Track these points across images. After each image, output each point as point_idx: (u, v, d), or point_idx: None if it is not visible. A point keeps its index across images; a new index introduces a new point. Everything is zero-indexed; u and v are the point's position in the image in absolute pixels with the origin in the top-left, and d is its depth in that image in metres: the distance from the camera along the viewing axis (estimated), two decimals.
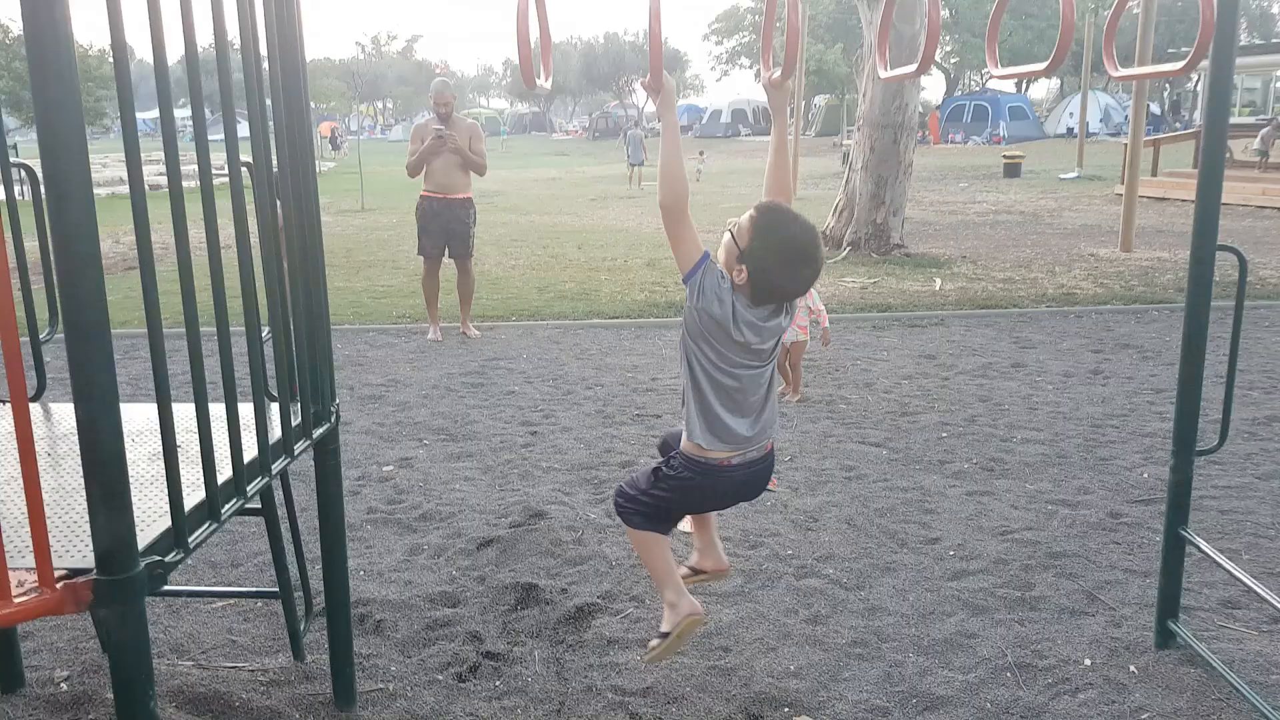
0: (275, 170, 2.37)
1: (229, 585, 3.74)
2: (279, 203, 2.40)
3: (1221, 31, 2.12)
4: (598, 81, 69.89)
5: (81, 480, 1.72)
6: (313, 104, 1.99)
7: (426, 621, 3.45)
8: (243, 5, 2.17)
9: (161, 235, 3.56)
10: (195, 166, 2.01)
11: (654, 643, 2.90)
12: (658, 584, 2.93)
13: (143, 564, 1.80)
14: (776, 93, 2.80)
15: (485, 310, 8.93)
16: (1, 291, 1.58)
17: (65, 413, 2.80)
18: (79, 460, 1.71)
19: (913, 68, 2.22)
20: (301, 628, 3.04)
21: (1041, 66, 2.11)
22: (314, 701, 2.95)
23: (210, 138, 2.00)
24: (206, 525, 2.05)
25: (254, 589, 3.58)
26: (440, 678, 3.11)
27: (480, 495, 4.59)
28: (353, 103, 48.89)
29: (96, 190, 1.69)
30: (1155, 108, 37.03)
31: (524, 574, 3.76)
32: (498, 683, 3.08)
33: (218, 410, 2.11)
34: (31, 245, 2.72)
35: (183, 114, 9.32)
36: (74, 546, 1.90)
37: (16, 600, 1.67)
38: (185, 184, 1.94)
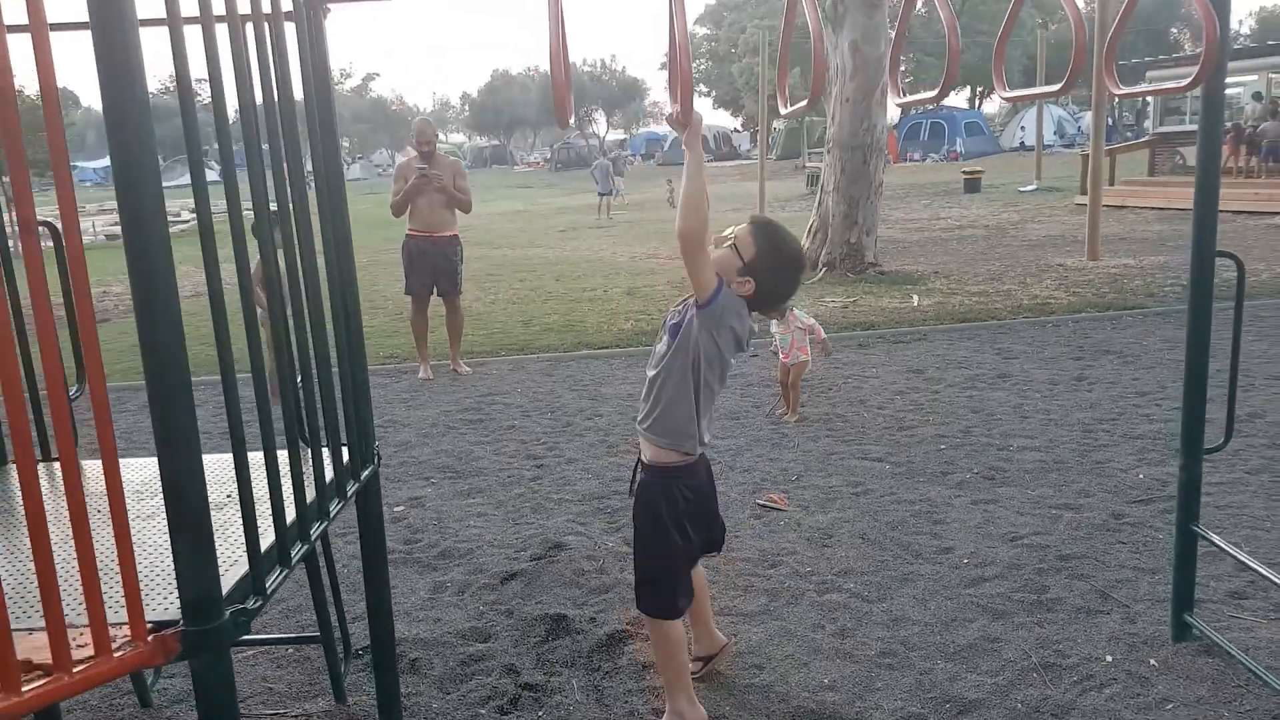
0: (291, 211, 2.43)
1: (255, 634, 3.77)
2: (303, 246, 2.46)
3: (1220, 49, 2.26)
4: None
5: (132, 534, 1.74)
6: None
7: (461, 658, 3.49)
8: (265, 41, 2.21)
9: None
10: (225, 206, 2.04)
11: None
12: (674, 687, 2.96)
13: (228, 612, 1.85)
14: (680, 129, 2.63)
15: (472, 346, 8.99)
16: (89, 346, 1.64)
17: (92, 469, 2.83)
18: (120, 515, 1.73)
19: (933, 93, 2.33)
20: (342, 669, 3.08)
21: (1055, 89, 2.23)
22: None
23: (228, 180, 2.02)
24: (278, 571, 2.10)
25: (292, 635, 3.61)
26: (483, 712, 3.15)
27: (496, 530, 4.64)
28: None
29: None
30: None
31: (551, 605, 3.81)
32: (540, 713, 3.13)
33: (257, 458, 2.16)
34: (55, 301, 2.77)
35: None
36: (151, 599, 1.95)
37: (115, 655, 1.72)
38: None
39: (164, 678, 3.37)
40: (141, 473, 2.72)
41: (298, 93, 2.35)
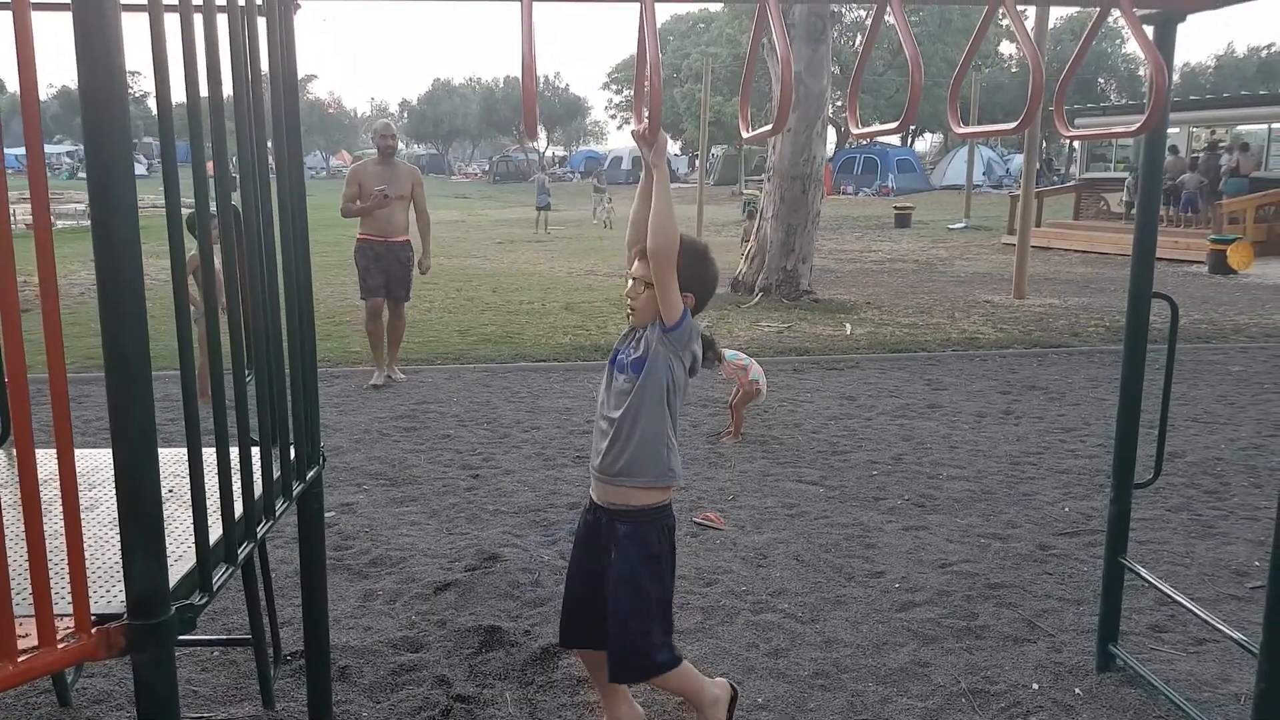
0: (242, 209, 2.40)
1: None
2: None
3: (1168, 98, 2.36)
4: (498, 125, 70.08)
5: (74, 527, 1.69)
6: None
7: (392, 667, 3.45)
8: (239, 36, 2.18)
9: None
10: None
11: None
12: (699, 696, 2.87)
13: (174, 608, 1.81)
14: (645, 146, 2.60)
15: (408, 353, 8.88)
16: (53, 343, 1.59)
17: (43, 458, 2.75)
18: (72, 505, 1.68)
19: (893, 125, 2.39)
20: (272, 674, 3.01)
21: (1010, 126, 2.30)
22: None
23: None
24: (224, 568, 2.06)
25: (222, 636, 3.52)
26: None
27: (429, 540, 4.59)
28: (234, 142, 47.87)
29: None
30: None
31: (485, 617, 3.78)
32: None
33: (210, 454, 2.12)
34: None
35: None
36: (91, 592, 1.89)
37: (59, 646, 1.67)
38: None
39: (84, 676, 3.27)
40: (80, 463, 2.64)
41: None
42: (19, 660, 1.57)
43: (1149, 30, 2.83)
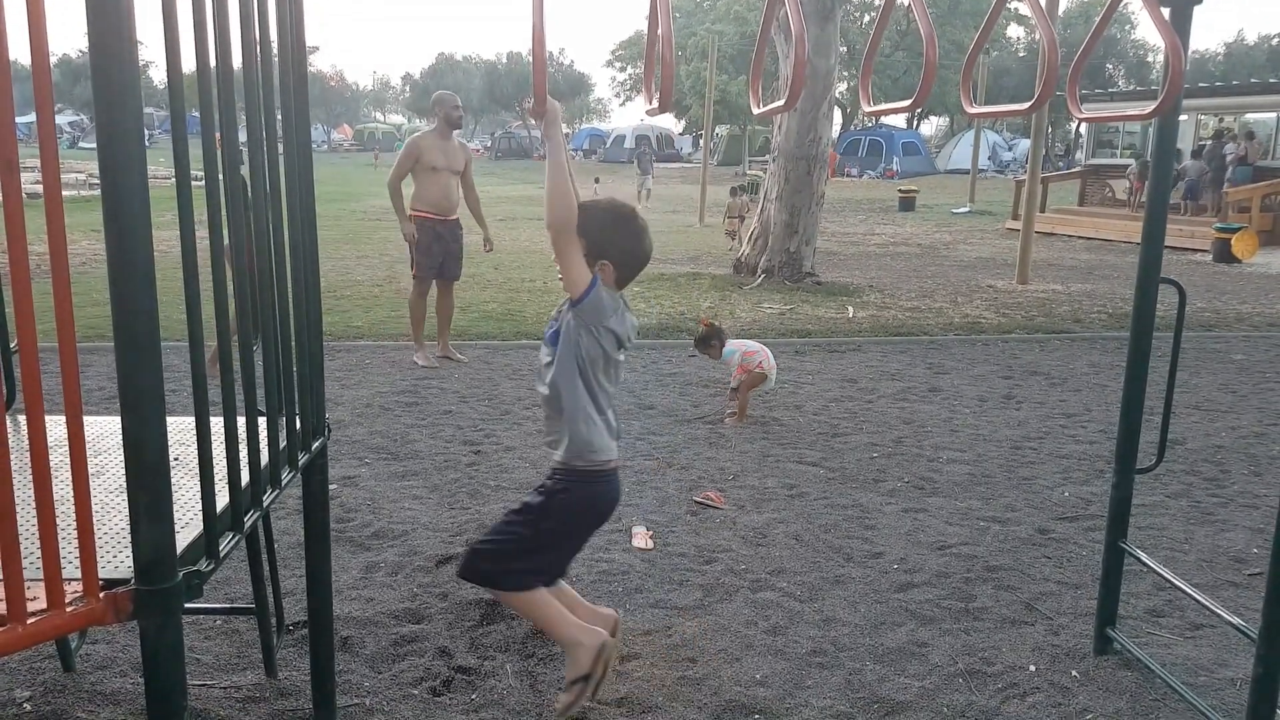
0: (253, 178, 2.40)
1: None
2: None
3: (1182, 80, 2.34)
4: (500, 101, 69.72)
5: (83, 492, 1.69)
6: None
7: (393, 638, 3.47)
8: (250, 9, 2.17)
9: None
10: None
11: (566, 695, 2.78)
12: (556, 630, 2.80)
13: (180, 574, 1.82)
14: (535, 118, 2.54)
15: (402, 329, 8.87)
16: (62, 307, 1.59)
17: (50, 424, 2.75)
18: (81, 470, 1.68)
19: (906, 103, 2.39)
20: (274, 643, 3.03)
21: (1024, 106, 2.29)
22: (294, 717, 2.95)
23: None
24: (230, 535, 2.07)
25: (224, 605, 3.54)
26: (415, 692, 3.13)
27: (431, 514, 4.61)
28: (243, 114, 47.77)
29: None
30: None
31: (486, 590, 3.79)
32: (473, 696, 3.12)
33: (218, 423, 2.12)
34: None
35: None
36: (103, 558, 1.90)
37: (68, 610, 1.68)
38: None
39: (88, 643, 3.29)
40: (86, 430, 2.64)
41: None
42: (28, 622, 1.58)
43: (1165, 12, 2.81)
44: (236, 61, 2.07)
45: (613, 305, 2.65)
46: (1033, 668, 3.34)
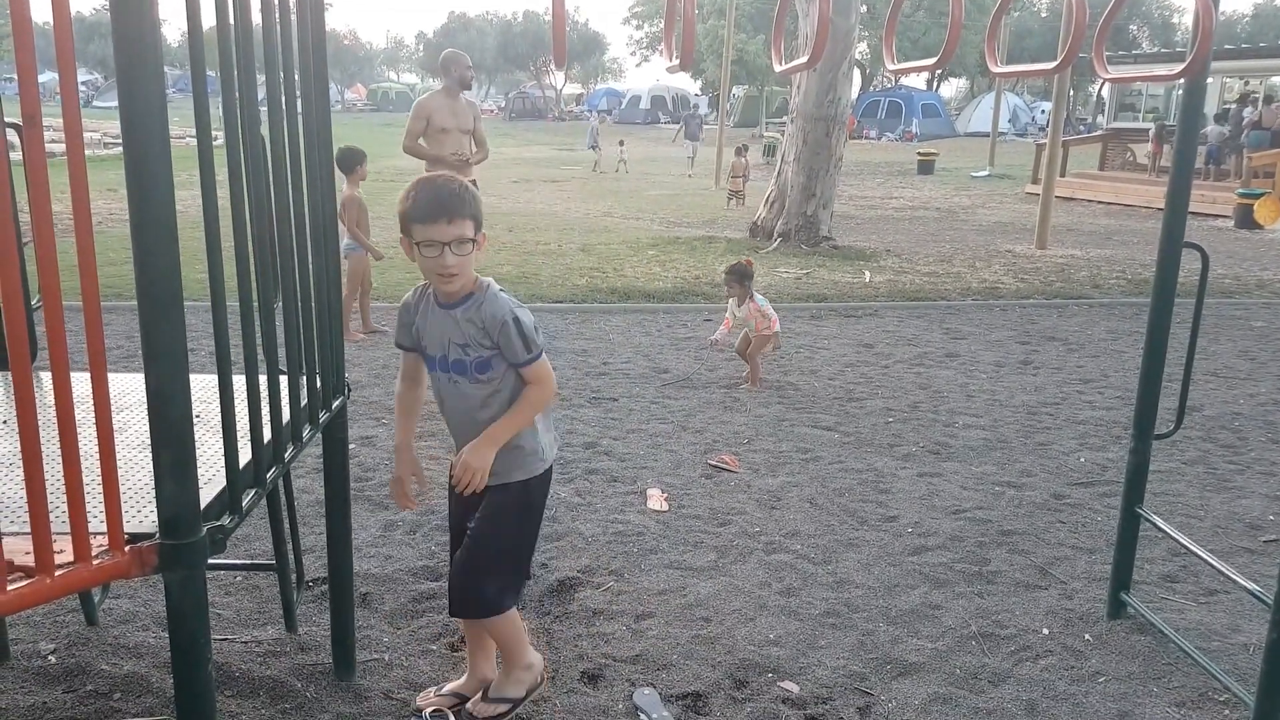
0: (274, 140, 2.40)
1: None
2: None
3: (1211, 41, 2.31)
4: (515, 61, 69.25)
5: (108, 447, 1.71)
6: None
7: (412, 595, 3.51)
8: None
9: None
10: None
11: (486, 707, 2.75)
12: (519, 648, 2.79)
13: (204, 529, 1.84)
14: None
15: None
16: (88, 278, 1.60)
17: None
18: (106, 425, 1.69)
19: (931, 61, 2.35)
20: (294, 599, 3.07)
21: (1049, 66, 2.27)
22: (314, 671, 2.99)
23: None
24: (253, 492, 2.09)
25: (246, 561, 3.59)
26: (434, 648, 3.18)
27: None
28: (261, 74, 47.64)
29: None
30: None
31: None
32: None
33: (240, 381, 2.14)
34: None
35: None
36: (128, 513, 1.93)
37: (94, 563, 1.70)
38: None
39: (110, 597, 3.34)
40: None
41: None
42: (56, 575, 1.61)
43: None
44: (255, 19, 2.07)
45: (525, 316, 2.83)
46: (1046, 631, 3.36)
